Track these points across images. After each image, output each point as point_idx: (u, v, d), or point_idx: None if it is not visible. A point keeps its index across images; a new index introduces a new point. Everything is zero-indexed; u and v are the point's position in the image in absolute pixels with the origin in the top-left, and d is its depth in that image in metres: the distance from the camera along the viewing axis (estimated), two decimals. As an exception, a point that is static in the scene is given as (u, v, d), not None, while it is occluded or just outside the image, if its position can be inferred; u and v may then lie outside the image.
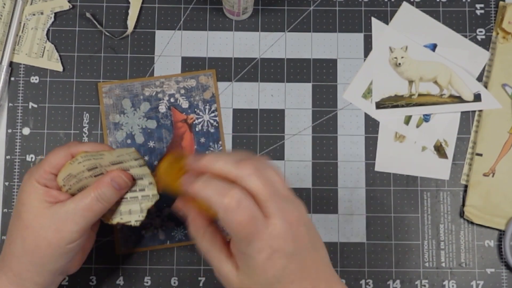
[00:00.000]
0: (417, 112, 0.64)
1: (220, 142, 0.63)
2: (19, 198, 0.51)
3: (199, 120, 0.63)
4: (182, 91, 0.64)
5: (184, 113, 0.63)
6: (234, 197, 0.43)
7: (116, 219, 0.53)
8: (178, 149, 0.62)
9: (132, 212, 0.53)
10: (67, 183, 0.52)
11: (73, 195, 0.52)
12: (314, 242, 0.46)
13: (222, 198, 0.43)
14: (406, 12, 0.65)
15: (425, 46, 0.65)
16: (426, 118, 0.64)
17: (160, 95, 0.63)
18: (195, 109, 0.63)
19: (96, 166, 0.51)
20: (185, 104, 0.63)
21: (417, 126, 0.64)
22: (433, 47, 0.65)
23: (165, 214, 0.62)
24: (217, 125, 0.63)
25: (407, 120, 0.64)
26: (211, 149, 0.63)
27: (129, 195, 0.53)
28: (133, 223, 0.53)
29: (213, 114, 0.63)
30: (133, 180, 0.52)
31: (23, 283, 0.50)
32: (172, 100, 0.63)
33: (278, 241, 0.43)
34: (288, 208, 0.45)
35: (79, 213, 0.49)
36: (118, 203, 0.53)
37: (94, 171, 0.52)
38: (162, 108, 0.63)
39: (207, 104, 0.63)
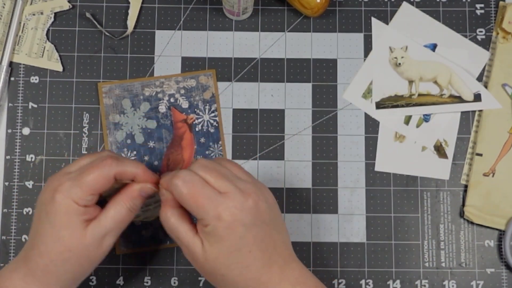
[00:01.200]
0: (417, 112, 0.64)
1: (220, 142, 0.63)
2: (55, 219, 0.49)
3: (199, 120, 0.63)
4: (182, 91, 0.64)
5: (184, 113, 0.63)
6: (181, 176, 0.48)
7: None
8: (178, 149, 0.62)
9: None
10: None
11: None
12: (275, 223, 0.50)
13: (172, 180, 0.48)
14: (406, 12, 0.65)
15: (425, 46, 0.65)
16: (426, 118, 0.64)
17: (160, 95, 0.63)
18: (195, 109, 0.63)
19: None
20: (185, 104, 0.63)
21: (417, 126, 0.64)
22: (433, 47, 0.65)
23: (165, 214, 0.62)
24: (217, 125, 0.63)
25: (407, 120, 0.64)
26: (211, 149, 0.63)
27: None
28: None
29: (213, 114, 0.63)
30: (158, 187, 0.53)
31: None
32: (172, 100, 0.63)
33: (235, 211, 0.47)
34: (246, 186, 0.49)
35: (116, 226, 0.51)
36: (156, 207, 0.57)
37: None
38: (162, 108, 0.63)
39: (207, 104, 0.63)
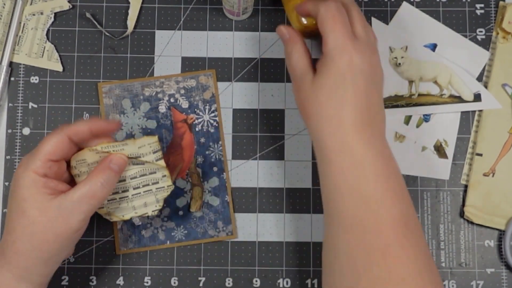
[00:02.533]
0: (417, 112, 0.64)
1: (220, 142, 0.63)
2: (17, 194, 0.50)
3: (199, 120, 0.63)
4: (182, 91, 0.64)
5: (184, 113, 0.63)
6: (332, 3, 0.53)
7: (130, 215, 0.55)
8: (178, 149, 0.62)
9: (148, 204, 0.55)
10: (78, 167, 0.53)
11: (72, 183, 0.53)
12: (380, 100, 0.53)
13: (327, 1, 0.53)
14: (406, 12, 0.65)
15: (425, 46, 0.65)
16: (426, 118, 0.64)
17: (160, 95, 0.63)
18: (195, 109, 0.63)
19: None
20: (185, 104, 0.63)
21: (417, 126, 0.64)
22: (433, 47, 0.65)
23: (165, 214, 0.62)
24: (217, 125, 0.63)
25: (407, 120, 0.64)
26: (211, 149, 0.63)
27: (142, 189, 0.55)
28: (150, 213, 0.55)
29: (213, 114, 0.63)
30: (128, 158, 0.53)
31: (30, 277, 0.50)
32: (172, 100, 0.63)
33: (360, 54, 0.51)
34: (373, 46, 0.54)
35: (85, 201, 0.50)
36: (122, 199, 0.55)
37: None
38: (162, 108, 0.63)
39: (207, 104, 0.63)
